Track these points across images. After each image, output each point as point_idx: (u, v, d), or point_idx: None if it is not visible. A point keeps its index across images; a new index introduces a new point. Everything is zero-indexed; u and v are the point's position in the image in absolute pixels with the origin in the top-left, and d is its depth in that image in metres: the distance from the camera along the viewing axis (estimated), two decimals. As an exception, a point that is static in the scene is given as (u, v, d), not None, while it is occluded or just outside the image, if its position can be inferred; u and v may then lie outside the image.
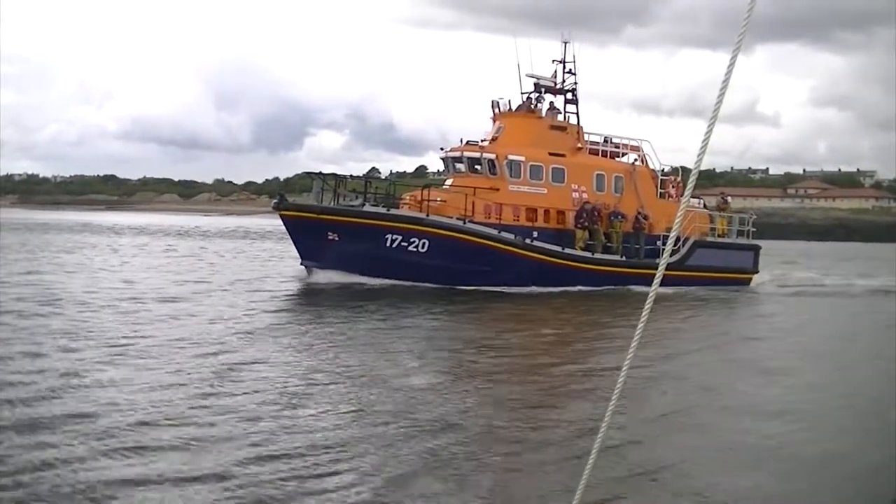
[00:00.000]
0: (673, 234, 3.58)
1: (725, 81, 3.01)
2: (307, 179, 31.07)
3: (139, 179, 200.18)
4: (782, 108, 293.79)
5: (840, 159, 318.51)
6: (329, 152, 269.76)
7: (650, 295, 3.17)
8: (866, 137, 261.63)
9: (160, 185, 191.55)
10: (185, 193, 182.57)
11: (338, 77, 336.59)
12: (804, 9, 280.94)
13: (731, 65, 3.00)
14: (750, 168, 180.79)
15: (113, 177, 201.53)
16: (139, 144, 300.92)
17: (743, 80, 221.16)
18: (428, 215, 24.78)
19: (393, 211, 25.07)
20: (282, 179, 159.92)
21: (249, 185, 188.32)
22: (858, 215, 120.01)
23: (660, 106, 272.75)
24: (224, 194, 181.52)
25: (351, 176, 27.93)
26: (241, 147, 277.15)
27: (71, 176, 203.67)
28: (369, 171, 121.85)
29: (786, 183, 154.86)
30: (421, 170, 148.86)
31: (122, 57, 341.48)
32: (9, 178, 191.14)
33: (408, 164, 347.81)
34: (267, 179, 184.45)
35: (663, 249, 26.87)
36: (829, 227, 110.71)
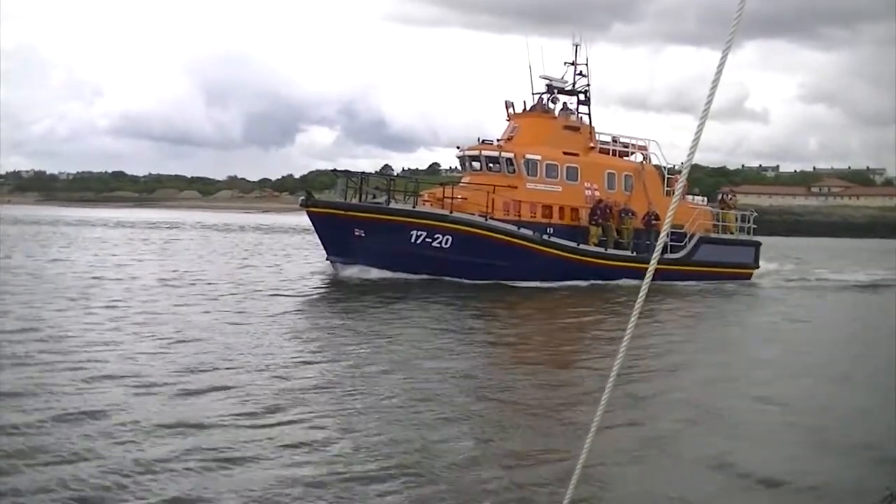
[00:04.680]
0: (665, 230, 3.45)
1: (716, 79, 2.96)
2: (323, 176, 32.26)
3: (146, 176, 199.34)
4: (771, 104, 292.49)
5: (830, 155, 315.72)
6: (321, 148, 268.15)
7: (643, 288, 3.19)
8: (855, 133, 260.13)
9: (175, 182, 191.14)
10: (204, 190, 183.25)
11: (328, 73, 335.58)
12: (790, 6, 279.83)
13: (722, 63, 2.95)
14: (761, 165, 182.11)
15: (122, 173, 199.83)
16: (130, 140, 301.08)
17: (731, 77, 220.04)
18: (451, 212, 26.00)
19: (418, 208, 26.18)
20: (297, 176, 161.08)
21: (265, 182, 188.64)
22: (888, 213, 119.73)
23: (647, 102, 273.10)
24: (246, 191, 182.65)
25: (365, 173, 28.88)
26: (232, 143, 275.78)
27: (78, 172, 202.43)
28: (382, 168, 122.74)
29: (800, 180, 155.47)
30: (434, 167, 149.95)
31: (112, 52, 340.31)
32: (17, 174, 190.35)
33: (400, 160, 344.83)
34: (282, 176, 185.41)
35: (669, 245, 28.01)
36: (869, 224, 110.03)
